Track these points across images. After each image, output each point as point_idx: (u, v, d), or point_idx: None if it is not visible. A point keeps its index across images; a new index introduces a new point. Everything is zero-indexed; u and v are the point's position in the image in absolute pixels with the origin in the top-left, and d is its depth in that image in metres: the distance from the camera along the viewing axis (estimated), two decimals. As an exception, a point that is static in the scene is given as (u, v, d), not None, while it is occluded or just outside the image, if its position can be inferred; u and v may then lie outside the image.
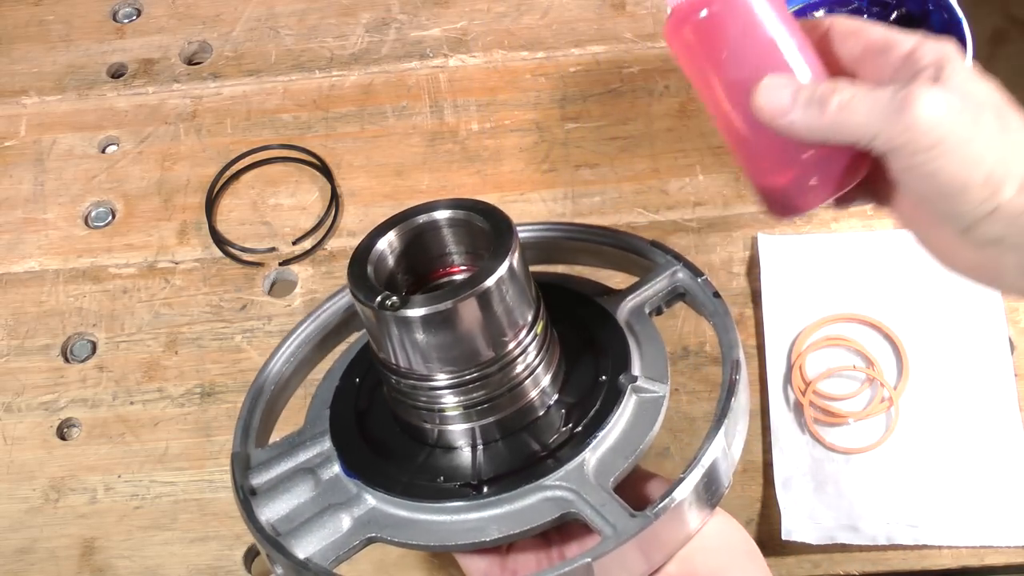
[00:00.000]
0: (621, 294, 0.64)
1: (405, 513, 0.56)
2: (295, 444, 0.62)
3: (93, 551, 0.80)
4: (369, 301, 0.54)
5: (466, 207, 0.58)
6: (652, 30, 0.97)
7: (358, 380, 0.64)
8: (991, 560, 0.74)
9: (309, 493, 0.59)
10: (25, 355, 0.88)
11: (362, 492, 0.57)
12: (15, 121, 0.99)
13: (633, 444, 0.56)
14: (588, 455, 0.55)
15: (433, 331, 0.53)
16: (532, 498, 0.54)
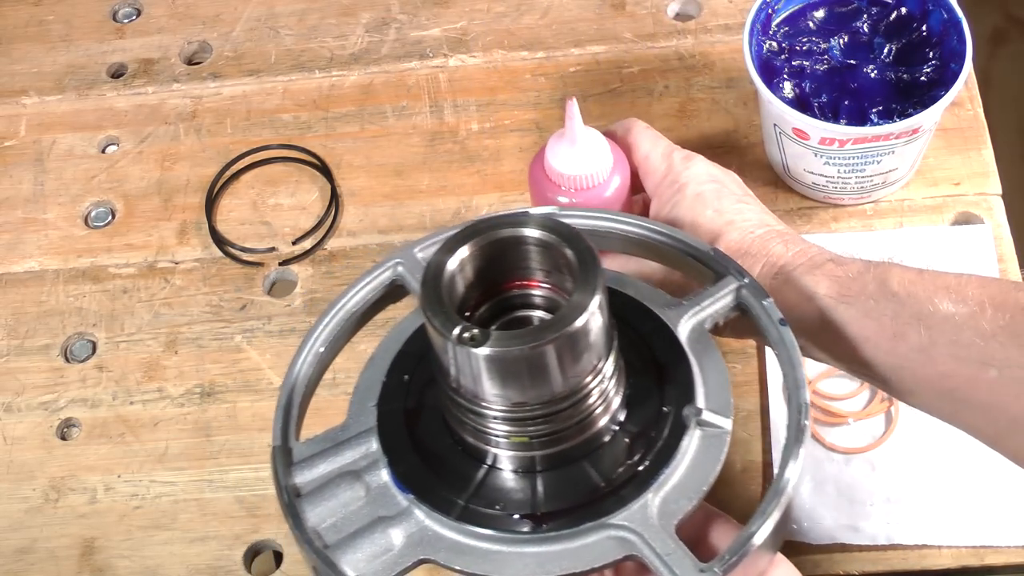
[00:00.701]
0: (682, 307, 0.60)
1: (460, 538, 0.54)
2: (339, 441, 0.59)
3: (93, 551, 0.80)
4: (446, 332, 0.51)
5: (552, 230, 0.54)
6: (652, 30, 0.97)
7: (407, 378, 0.60)
8: (991, 560, 0.74)
9: (357, 501, 0.56)
10: (25, 355, 0.88)
11: (414, 508, 0.55)
12: (15, 121, 0.99)
13: (697, 483, 0.54)
14: (652, 495, 0.53)
15: (511, 368, 0.51)
16: (594, 536, 0.53)
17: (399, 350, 0.61)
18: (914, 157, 0.85)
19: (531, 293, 0.57)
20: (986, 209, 0.86)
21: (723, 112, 0.93)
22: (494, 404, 0.53)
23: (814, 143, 0.81)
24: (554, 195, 0.75)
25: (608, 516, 0.52)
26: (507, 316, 0.57)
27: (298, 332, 0.86)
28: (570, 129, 0.73)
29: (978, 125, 0.90)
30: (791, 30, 0.85)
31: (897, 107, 0.81)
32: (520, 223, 0.55)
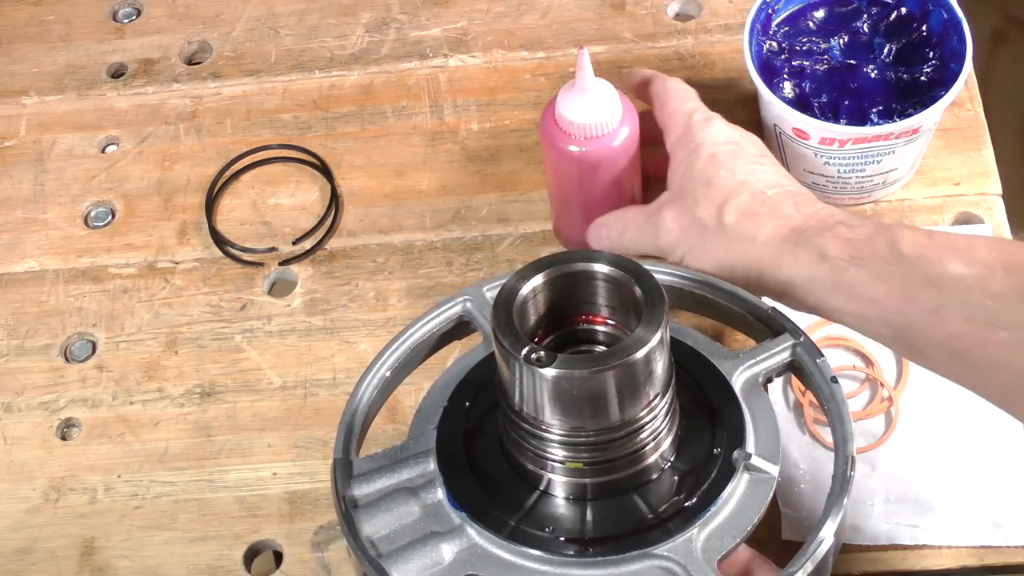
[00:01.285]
0: (738, 359, 0.63)
1: (509, 556, 0.55)
2: (398, 459, 0.61)
3: (93, 551, 0.80)
4: (515, 352, 0.53)
5: (622, 267, 0.57)
6: (652, 30, 0.97)
7: (468, 404, 0.62)
8: (991, 560, 0.74)
9: (411, 516, 0.58)
10: (25, 355, 0.88)
11: (466, 525, 0.57)
12: (15, 121, 0.99)
13: (741, 524, 0.56)
14: (697, 530, 0.55)
15: (573, 392, 0.54)
16: (639, 564, 0.54)
17: (462, 378, 0.63)
18: (914, 157, 0.85)
19: (596, 328, 0.60)
20: (986, 209, 0.86)
21: (723, 112, 0.92)
22: (553, 427, 0.55)
23: (814, 143, 0.81)
24: (564, 144, 0.77)
25: (654, 547, 0.54)
26: (571, 349, 0.60)
27: (298, 332, 0.86)
28: (580, 79, 0.75)
29: (978, 125, 0.90)
30: (791, 30, 0.85)
31: (897, 107, 0.81)
32: (592, 259, 0.58)
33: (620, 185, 0.79)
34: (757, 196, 0.69)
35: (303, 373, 0.85)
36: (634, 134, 0.78)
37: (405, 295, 0.86)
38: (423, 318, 0.66)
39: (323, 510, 0.80)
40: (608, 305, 0.59)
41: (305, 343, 0.86)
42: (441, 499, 0.58)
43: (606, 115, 0.76)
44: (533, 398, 0.54)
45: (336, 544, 0.79)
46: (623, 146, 0.77)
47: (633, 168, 0.79)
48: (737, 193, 0.69)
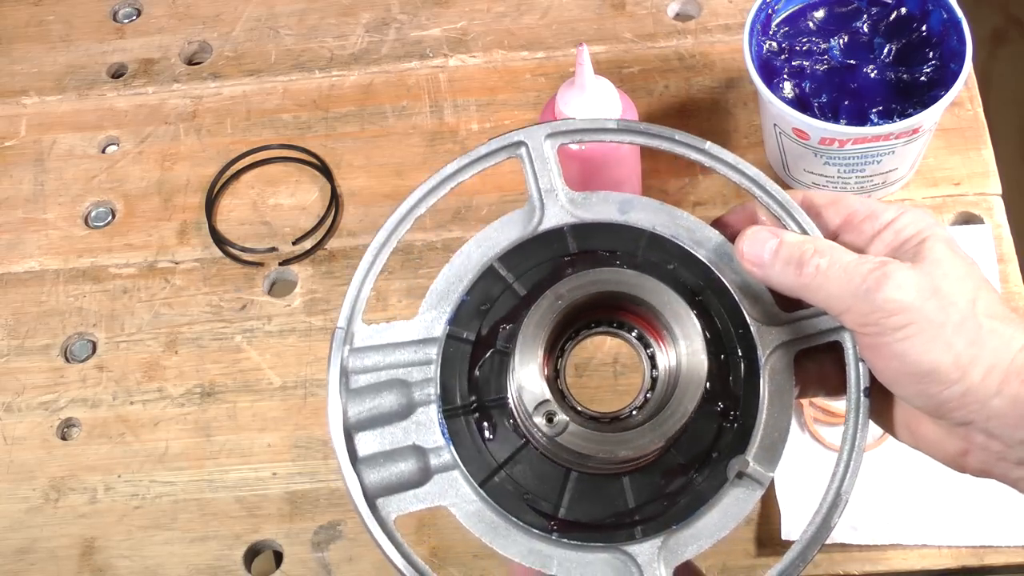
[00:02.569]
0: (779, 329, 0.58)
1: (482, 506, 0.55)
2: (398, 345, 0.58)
3: (93, 551, 0.80)
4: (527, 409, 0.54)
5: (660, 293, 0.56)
6: (652, 30, 0.97)
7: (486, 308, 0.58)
8: (991, 560, 0.74)
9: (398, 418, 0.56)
10: (25, 355, 0.88)
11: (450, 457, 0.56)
12: (15, 121, 0.99)
13: (711, 533, 0.55)
14: (665, 536, 0.55)
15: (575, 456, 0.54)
16: (599, 554, 0.55)
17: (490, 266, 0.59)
18: (914, 157, 0.85)
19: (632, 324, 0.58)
20: (986, 209, 0.86)
21: (723, 112, 0.93)
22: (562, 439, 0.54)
23: (814, 143, 0.81)
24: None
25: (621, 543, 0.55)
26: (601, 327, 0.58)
27: (298, 332, 0.86)
28: (580, 76, 0.75)
29: (978, 125, 0.90)
30: (791, 30, 0.85)
31: (897, 107, 0.81)
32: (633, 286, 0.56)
33: (620, 183, 0.79)
34: (1005, 303, 0.55)
35: (303, 373, 0.85)
36: None
37: (405, 295, 0.86)
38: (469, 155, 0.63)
39: (323, 510, 0.80)
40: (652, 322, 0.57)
41: (305, 343, 0.86)
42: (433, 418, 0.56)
43: (605, 112, 0.76)
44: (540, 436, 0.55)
45: (336, 544, 0.79)
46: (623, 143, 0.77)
47: (633, 166, 0.79)
48: (987, 290, 0.54)
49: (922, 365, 0.52)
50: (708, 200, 0.88)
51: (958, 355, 0.52)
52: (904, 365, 0.52)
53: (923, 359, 0.52)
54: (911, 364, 0.52)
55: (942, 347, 0.52)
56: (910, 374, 0.52)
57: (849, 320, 0.54)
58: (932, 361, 0.52)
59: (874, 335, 0.53)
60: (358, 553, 0.78)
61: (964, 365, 0.52)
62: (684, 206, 0.89)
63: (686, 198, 0.89)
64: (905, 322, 0.52)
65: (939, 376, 0.52)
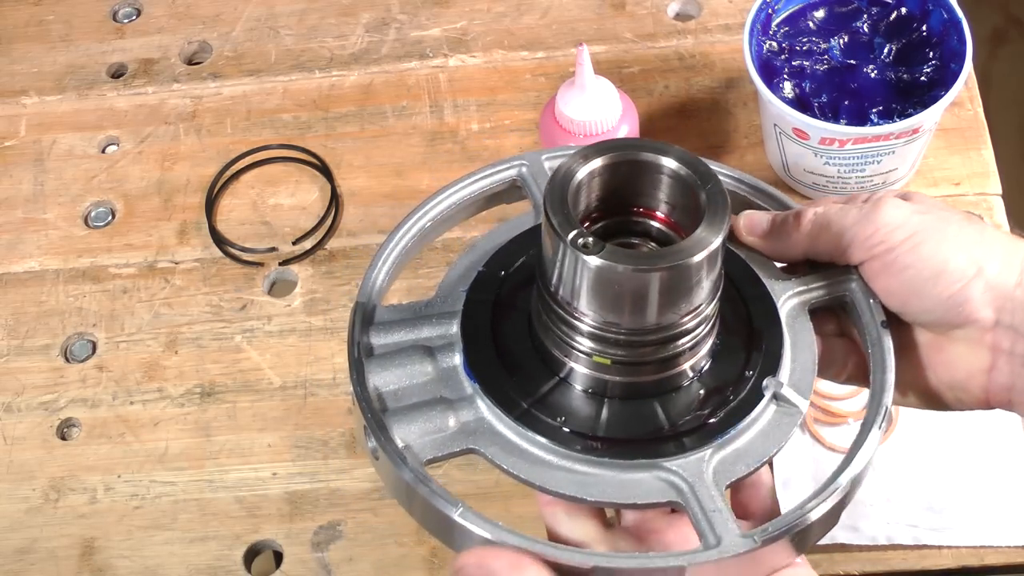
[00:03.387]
0: (789, 282, 0.59)
1: (515, 439, 0.53)
2: (421, 315, 0.58)
3: (93, 551, 0.80)
4: (563, 232, 0.50)
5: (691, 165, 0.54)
6: (652, 30, 0.97)
7: (503, 273, 0.59)
8: (991, 560, 0.74)
9: (424, 376, 0.55)
10: (25, 355, 0.88)
11: (477, 398, 0.54)
12: (15, 121, 0.99)
13: (758, 453, 0.53)
14: (712, 451, 0.52)
15: (615, 285, 0.51)
16: (645, 474, 0.52)
17: (502, 245, 0.60)
18: (914, 157, 0.85)
19: (651, 223, 0.56)
20: (986, 209, 0.86)
21: (723, 112, 0.93)
22: (587, 318, 0.52)
23: (814, 143, 0.81)
24: (564, 141, 0.76)
25: (664, 459, 0.52)
26: (620, 239, 0.56)
27: (298, 332, 0.86)
28: (580, 76, 0.75)
29: (978, 125, 0.90)
30: (791, 30, 0.85)
31: (897, 107, 0.81)
32: (662, 151, 0.54)
33: None
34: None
35: (303, 373, 0.85)
36: (634, 131, 0.78)
37: (405, 295, 0.86)
38: (475, 174, 0.62)
39: (323, 510, 0.80)
40: (669, 202, 0.55)
41: (305, 343, 0.86)
42: (457, 365, 0.55)
43: (606, 112, 0.76)
44: (572, 284, 0.51)
45: (336, 544, 0.79)
46: None
47: None
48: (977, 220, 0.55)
49: (936, 265, 0.52)
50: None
51: (969, 251, 0.52)
52: (917, 272, 0.52)
53: (935, 259, 0.52)
54: (924, 268, 0.52)
55: (951, 246, 0.52)
56: (925, 280, 0.52)
57: (855, 251, 0.54)
58: (944, 259, 0.52)
59: (881, 255, 0.53)
60: (358, 553, 0.78)
61: (977, 259, 0.52)
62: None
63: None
64: (909, 232, 0.53)
65: (955, 272, 0.52)
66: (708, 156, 0.89)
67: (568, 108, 0.76)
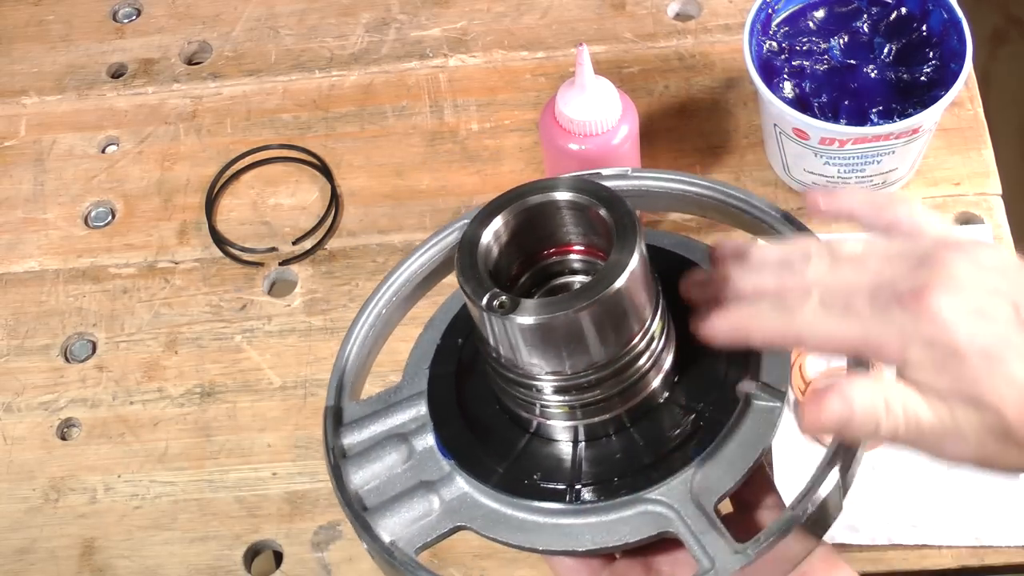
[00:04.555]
0: None
1: (498, 506, 0.53)
2: (390, 403, 0.58)
3: (93, 551, 0.80)
4: (477, 299, 0.50)
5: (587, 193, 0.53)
6: (652, 30, 0.97)
7: (460, 341, 0.59)
8: (991, 560, 0.74)
9: (401, 464, 0.55)
10: (25, 355, 0.88)
11: (455, 474, 0.54)
12: (15, 121, 0.99)
13: (743, 461, 0.52)
14: (693, 470, 0.52)
15: (545, 337, 0.50)
16: (630, 511, 0.52)
17: (456, 313, 0.60)
18: (914, 157, 0.85)
19: (570, 259, 0.56)
20: (986, 209, 0.86)
21: (723, 112, 0.93)
22: (532, 372, 0.52)
23: (814, 143, 0.81)
24: (564, 142, 0.77)
25: (645, 491, 0.51)
26: (549, 284, 0.56)
27: (298, 332, 0.86)
28: (580, 76, 0.75)
29: (978, 125, 0.90)
30: (791, 30, 0.85)
31: (897, 107, 0.81)
32: (550, 188, 0.53)
33: None
34: None
35: (303, 373, 0.85)
36: (633, 132, 0.78)
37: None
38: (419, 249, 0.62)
39: (323, 510, 0.80)
40: (577, 232, 0.55)
41: (305, 343, 0.86)
42: (431, 445, 0.56)
43: (606, 112, 0.76)
44: (508, 343, 0.51)
45: (336, 544, 0.79)
46: (622, 143, 0.77)
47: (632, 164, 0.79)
48: None
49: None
50: (708, 200, 0.88)
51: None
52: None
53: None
54: None
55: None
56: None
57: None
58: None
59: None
60: (358, 553, 0.78)
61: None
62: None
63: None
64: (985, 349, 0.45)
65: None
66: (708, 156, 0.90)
67: (568, 108, 0.76)
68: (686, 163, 0.90)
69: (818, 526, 0.51)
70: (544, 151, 0.80)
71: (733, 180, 0.89)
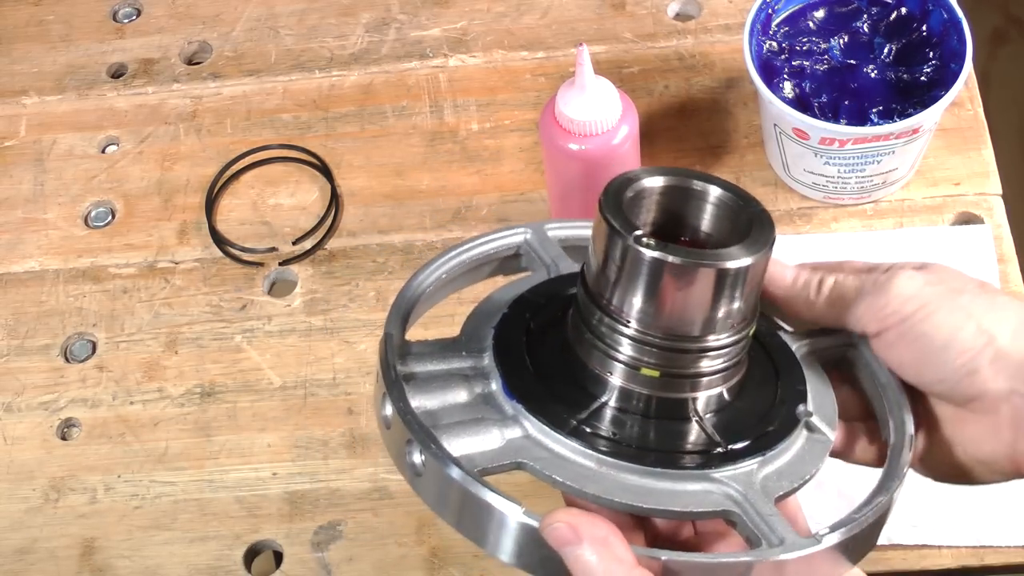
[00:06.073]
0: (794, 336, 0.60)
1: (562, 450, 0.52)
2: (449, 348, 0.56)
3: (93, 551, 0.80)
4: (625, 230, 0.51)
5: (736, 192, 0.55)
6: (652, 30, 0.97)
7: (528, 315, 0.58)
8: (991, 560, 0.74)
9: (463, 398, 0.54)
10: (25, 355, 0.88)
11: (520, 417, 0.53)
12: (15, 121, 0.99)
13: (799, 472, 0.54)
14: (758, 465, 0.53)
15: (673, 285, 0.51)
16: (698, 484, 0.52)
17: (520, 294, 0.59)
18: (914, 157, 0.85)
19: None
20: (986, 209, 0.86)
21: (723, 112, 0.93)
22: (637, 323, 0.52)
23: (814, 143, 0.81)
24: (564, 142, 0.77)
25: (715, 469, 0.52)
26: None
27: (298, 332, 0.86)
28: (580, 76, 0.75)
29: (978, 125, 0.90)
30: (791, 30, 0.85)
31: (897, 107, 0.81)
32: (709, 180, 0.55)
33: None
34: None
35: (303, 373, 0.85)
36: (634, 132, 0.78)
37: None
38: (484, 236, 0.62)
39: (323, 510, 0.80)
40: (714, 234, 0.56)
41: (305, 343, 0.86)
42: (495, 390, 0.54)
43: (606, 112, 0.76)
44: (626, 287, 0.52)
45: (336, 544, 0.79)
46: (622, 143, 0.77)
47: (634, 165, 0.79)
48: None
49: (945, 335, 0.52)
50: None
51: (979, 321, 0.52)
52: (929, 342, 0.53)
53: (945, 329, 0.52)
54: (935, 338, 0.52)
55: (962, 315, 0.52)
56: (936, 350, 0.53)
57: (869, 323, 0.55)
58: (954, 328, 0.52)
59: (894, 326, 0.53)
60: (358, 553, 0.78)
61: (988, 328, 0.52)
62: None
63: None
64: (921, 303, 0.53)
65: (964, 342, 0.52)
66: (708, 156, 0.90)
67: (568, 108, 0.76)
68: (686, 163, 0.90)
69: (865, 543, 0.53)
70: (544, 151, 0.80)
71: (733, 180, 0.89)
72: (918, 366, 0.54)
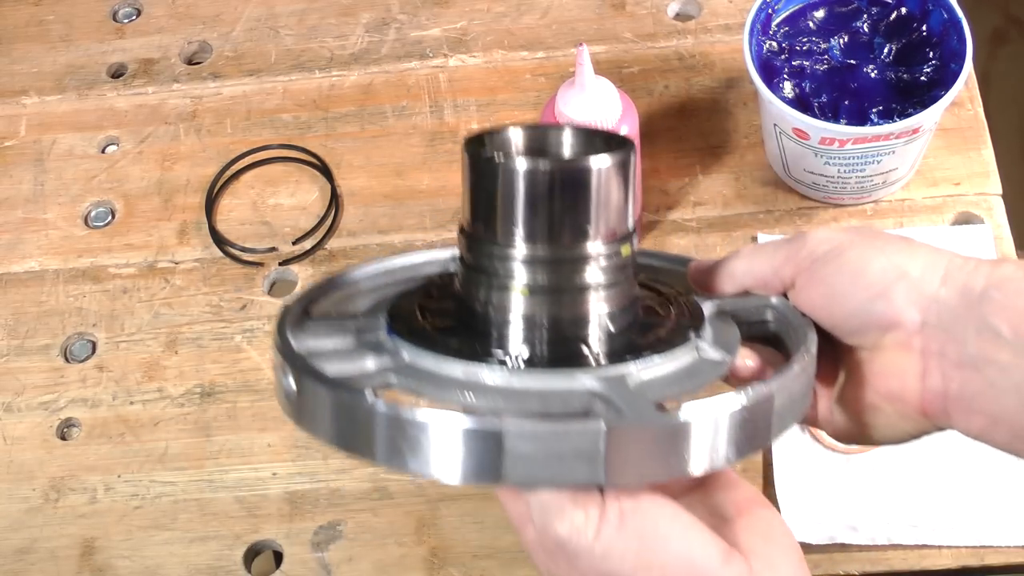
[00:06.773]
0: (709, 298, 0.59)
1: (432, 367, 0.52)
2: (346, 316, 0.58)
3: (93, 551, 0.80)
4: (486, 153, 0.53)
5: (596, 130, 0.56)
6: (652, 30, 0.97)
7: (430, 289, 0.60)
8: (991, 560, 0.74)
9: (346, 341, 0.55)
10: (25, 355, 0.88)
11: (399, 347, 0.54)
12: (15, 121, 0.99)
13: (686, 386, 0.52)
14: (634, 369, 0.51)
15: (533, 192, 0.52)
16: (565, 382, 0.51)
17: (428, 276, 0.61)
18: (914, 157, 0.85)
19: None
20: (986, 209, 0.86)
21: (723, 112, 0.93)
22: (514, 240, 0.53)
23: (814, 143, 0.81)
24: None
25: (584, 369, 0.51)
26: None
27: (298, 332, 0.86)
28: (580, 76, 0.75)
29: (978, 125, 0.90)
30: (791, 30, 0.85)
31: (897, 107, 0.81)
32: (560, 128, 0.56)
33: None
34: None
35: (303, 373, 0.85)
36: (633, 132, 0.78)
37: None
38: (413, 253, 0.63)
39: (323, 510, 0.80)
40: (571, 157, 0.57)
41: (305, 343, 0.86)
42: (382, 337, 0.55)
43: (606, 112, 0.76)
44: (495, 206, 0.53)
45: (336, 544, 0.79)
46: None
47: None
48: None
49: (856, 269, 0.53)
50: (708, 200, 0.88)
51: (891, 256, 0.53)
52: (839, 278, 0.53)
53: (856, 264, 0.53)
54: (845, 273, 0.53)
55: (875, 252, 0.53)
56: (846, 285, 0.53)
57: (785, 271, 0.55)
58: (865, 263, 0.53)
59: (807, 268, 0.54)
60: (358, 553, 0.79)
61: (899, 264, 0.52)
62: (684, 206, 0.89)
63: (685, 198, 0.89)
64: (833, 245, 0.54)
65: (876, 274, 0.52)
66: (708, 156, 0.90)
67: (568, 108, 0.76)
68: (686, 163, 0.90)
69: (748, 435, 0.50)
70: None
71: (733, 180, 0.89)
72: (829, 304, 0.54)
